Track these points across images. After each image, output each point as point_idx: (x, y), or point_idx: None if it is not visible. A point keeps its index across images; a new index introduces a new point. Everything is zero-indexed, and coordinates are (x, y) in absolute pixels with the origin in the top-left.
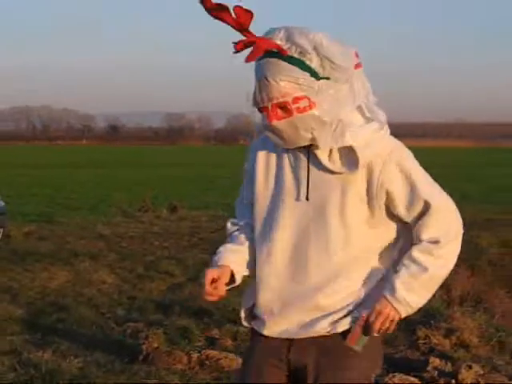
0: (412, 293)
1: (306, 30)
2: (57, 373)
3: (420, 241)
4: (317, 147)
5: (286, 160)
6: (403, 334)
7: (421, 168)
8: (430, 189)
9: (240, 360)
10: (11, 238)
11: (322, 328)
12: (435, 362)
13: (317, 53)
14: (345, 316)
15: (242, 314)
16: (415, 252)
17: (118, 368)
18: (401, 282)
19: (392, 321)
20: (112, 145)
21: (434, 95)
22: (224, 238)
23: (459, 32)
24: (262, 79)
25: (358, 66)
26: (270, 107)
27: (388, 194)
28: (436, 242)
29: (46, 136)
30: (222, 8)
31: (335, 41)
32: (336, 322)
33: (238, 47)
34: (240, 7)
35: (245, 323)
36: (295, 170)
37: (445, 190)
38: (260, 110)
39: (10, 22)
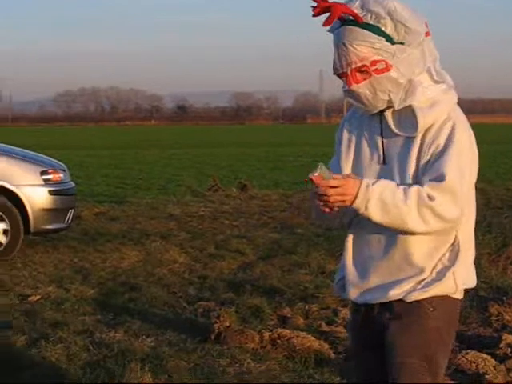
0: (379, 203)
1: None
2: (129, 352)
3: (423, 188)
4: (388, 112)
5: (366, 127)
6: (475, 311)
7: (466, 151)
8: (455, 165)
9: (311, 338)
10: (82, 219)
11: (395, 294)
12: (508, 338)
13: (391, 18)
14: (417, 285)
15: (335, 284)
16: (414, 188)
17: (189, 347)
18: (384, 189)
19: (341, 201)
20: (180, 125)
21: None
22: (294, 216)
23: None
24: (340, 46)
25: (427, 34)
26: (349, 72)
27: (435, 146)
28: (431, 199)
29: (114, 117)
30: None
31: (408, 7)
32: (408, 291)
33: (316, 11)
34: None
35: (338, 294)
36: (372, 137)
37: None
38: (340, 76)
39: (74, 6)
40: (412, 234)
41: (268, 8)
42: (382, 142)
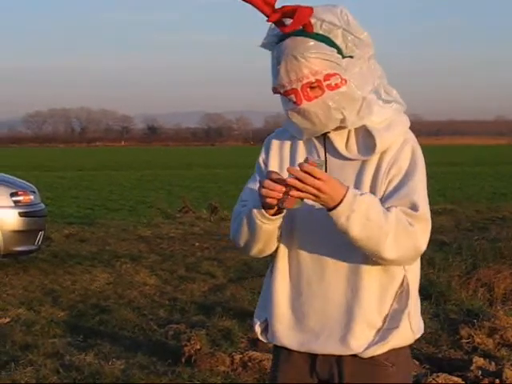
0: (364, 218)
1: (330, 5)
2: (99, 375)
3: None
4: (334, 134)
5: (301, 153)
6: (446, 333)
7: (425, 177)
8: (422, 192)
9: None
10: (52, 241)
11: (354, 347)
12: (479, 361)
13: (342, 29)
14: (374, 338)
15: (258, 329)
16: (394, 210)
17: (160, 370)
18: (371, 203)
19: (320, 198)
20: (150, 146)
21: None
22: None
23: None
24: (288, 59)
25: None
26: (299, 88)
27: (397, 169)
28: (412, 226)
29: (84, 138)
30: None
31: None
32: (364, 344)
33: (274, 17)
34: None
35: (262, 338)
36: None
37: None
38: (285, 93)
39: (48, 25)
40: (377, 259)
41: (241, 29)
42: (326, 166)
